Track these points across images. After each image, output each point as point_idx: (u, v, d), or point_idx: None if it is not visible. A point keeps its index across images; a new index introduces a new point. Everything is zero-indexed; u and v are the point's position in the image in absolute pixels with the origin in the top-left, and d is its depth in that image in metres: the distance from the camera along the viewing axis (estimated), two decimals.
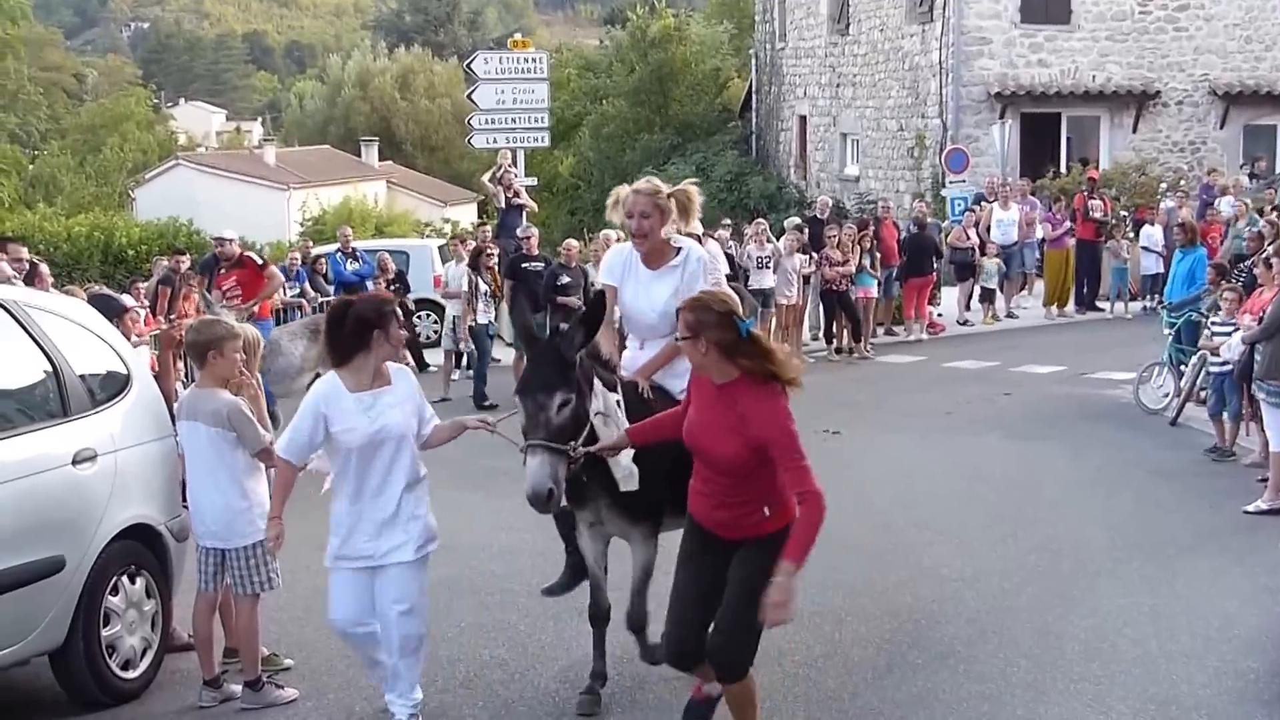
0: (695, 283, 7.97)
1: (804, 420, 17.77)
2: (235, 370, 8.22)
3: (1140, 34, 34.26)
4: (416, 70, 79.79)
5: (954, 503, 13.15)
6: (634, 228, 8.10)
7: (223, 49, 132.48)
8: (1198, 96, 34.47)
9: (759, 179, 42.31)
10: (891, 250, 24.38)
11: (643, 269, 8.23)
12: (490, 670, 8.77)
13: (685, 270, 8.15)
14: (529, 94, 29.70)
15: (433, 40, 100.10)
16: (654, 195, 8.12)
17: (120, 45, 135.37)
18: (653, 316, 8.17)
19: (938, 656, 8.83)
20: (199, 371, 8.21)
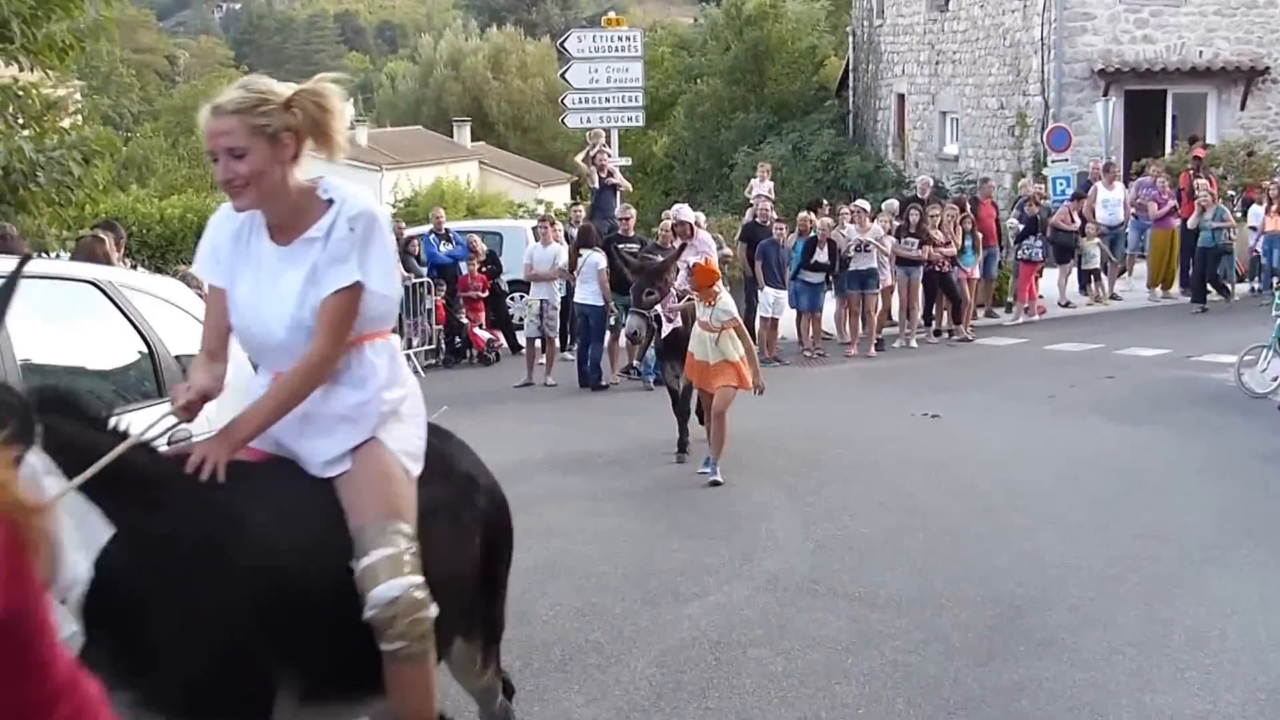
0: (343, 265, 4.88)
1: (903, 403, 17.80)
2: None
3: (1249, 8, 33.73)
4: (509, 50, 79.94)
5: (1056, 488, 13.03)
6: (220, 176, 4.91)
7: (314, 29, 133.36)
8: None
9: (856, 158, 42.09)
10: (991, 230, 24.19)
11: (267, 246, 5.04)
12: (585, 654, 8.78)
13: (329, 240, 4.92)
14: (623, 73, 29.68)
15: (525, 19, 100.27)
16: (249, 112, 4.88)
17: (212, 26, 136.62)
18: (280, 332, 5.04)
19: (1041, 644, 8.75)
20: None
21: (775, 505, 12.51)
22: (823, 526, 11.77)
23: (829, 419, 16.72)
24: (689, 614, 9.46)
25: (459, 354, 23.25)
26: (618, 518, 12.17)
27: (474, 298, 23.36)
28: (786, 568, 10.61)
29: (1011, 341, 22.61)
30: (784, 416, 16.36)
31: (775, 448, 14.74)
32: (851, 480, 13.47)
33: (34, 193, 15.08)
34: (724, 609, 9.55)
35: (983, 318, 24.52)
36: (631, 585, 10.16)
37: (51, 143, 15.53)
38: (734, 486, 12.56)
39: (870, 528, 11.68)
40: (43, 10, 15.16)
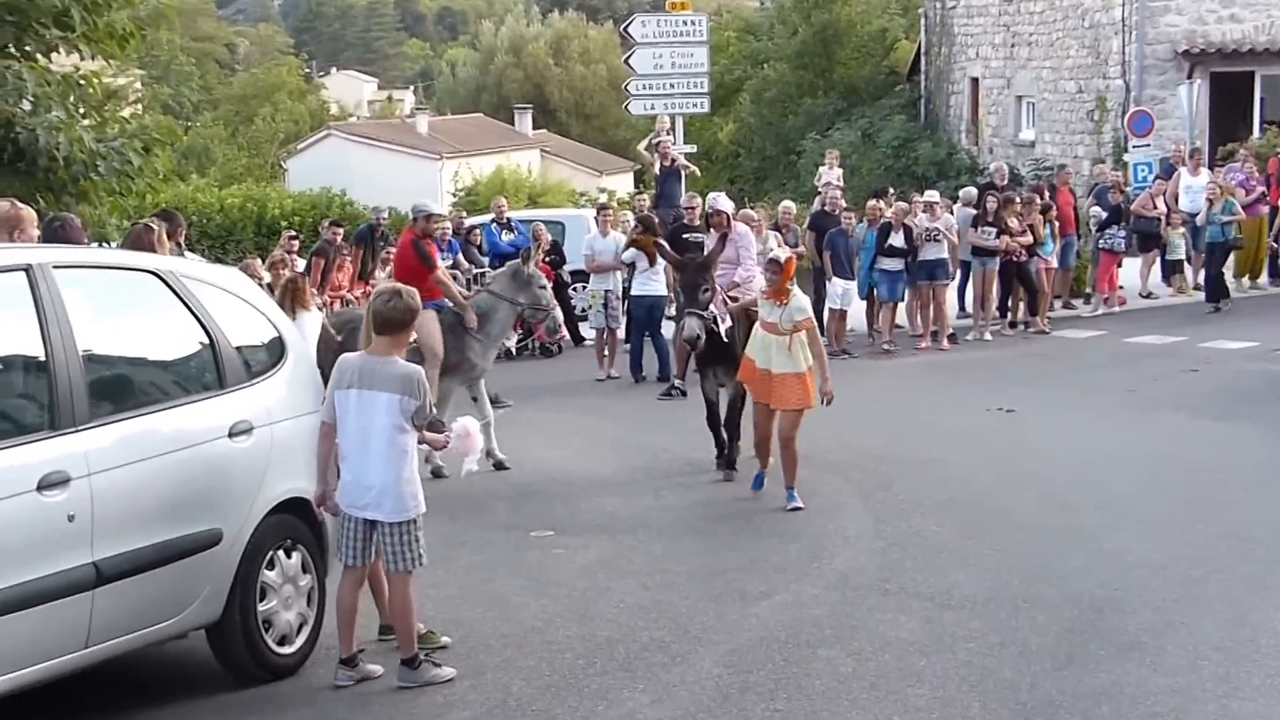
0: None
1: (977, 397, 17.72)
2: None
3: None
4: (571, 35, 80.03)
5: (1137, 485, 12.93)
6: None
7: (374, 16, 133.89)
8: None
9: (928, 145, 41.86)
10: (1069, 219, 24.00)
11: None
12: (650, 652, 8.79)
13: None
14: (688, 58, 29.65)
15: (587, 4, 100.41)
16: None
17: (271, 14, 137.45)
18: None
19: (1122, 647, 8.69)
20: (380, 339, 8.29)
21: (845, 502, 12.48)
22: (894, 524, 11.73)
23: (900, 413, 16.65)
24: (756, 613, 9.46)
25: (521, 345, 23.29)
26: (683, 513, 12.17)
27: None
28: (857, 566, 10.59)
29: (1090, 334, 22.44)
30: (853, 410, 16.30)
31: (844, 443, 14.69)
32: (924, 477, 13.41)
33: (95, 182, 15.24)
34: (792, 608, 9.54)
35: (1060, 309, 24.34)
36: (697, 583, 10.16)
37: (112, 132, 15.68)
38: (802, 483, 12.52)
39: (943, 525, 11.63)
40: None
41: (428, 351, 13.73)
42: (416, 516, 8.22)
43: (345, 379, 8.24)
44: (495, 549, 11.30)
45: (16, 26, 14.95)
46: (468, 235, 23.64)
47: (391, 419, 8.10)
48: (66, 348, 7.34)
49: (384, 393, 8.10)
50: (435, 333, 14.11)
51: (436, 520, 10.50)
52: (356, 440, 8.19)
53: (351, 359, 8.45)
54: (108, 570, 7.26)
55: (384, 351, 8.23)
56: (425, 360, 13.14)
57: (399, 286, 8.68)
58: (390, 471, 8.14)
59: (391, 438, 8.12)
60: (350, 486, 8.25)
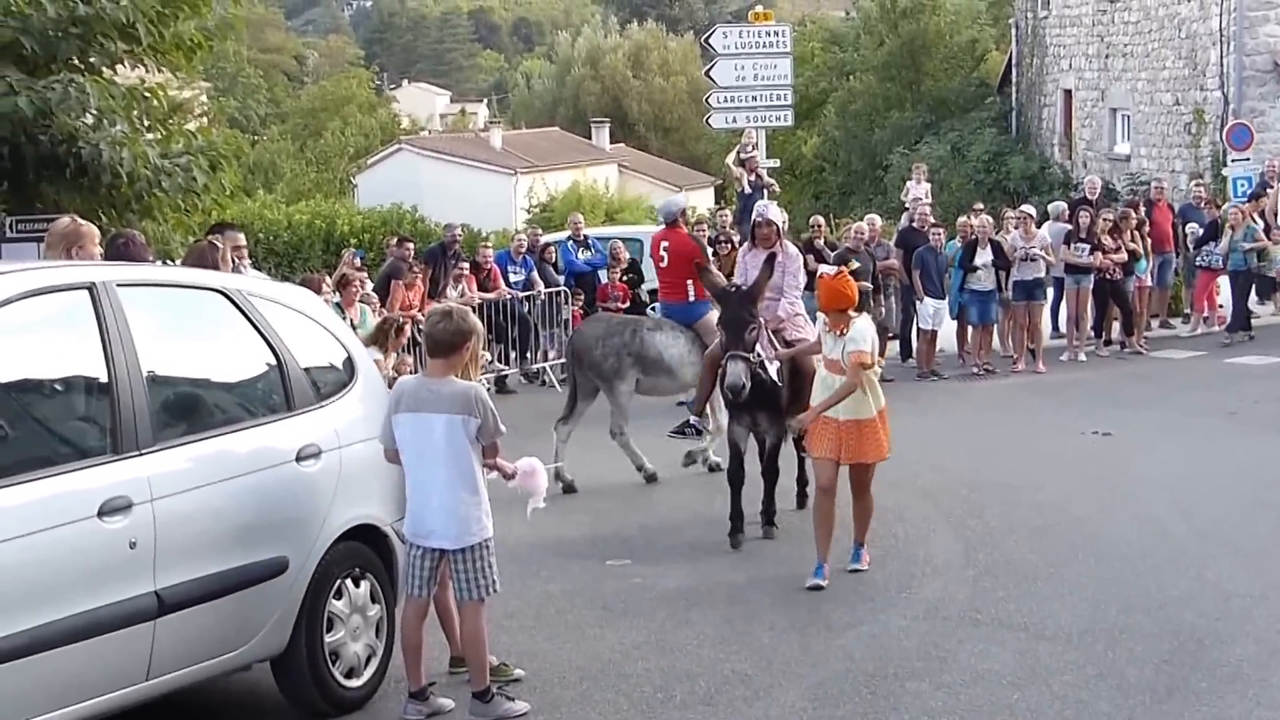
0: None
1: (1072, 420, 17.56)
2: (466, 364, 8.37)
3: None
4: (650, 47, 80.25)
5: (1239, 511, 12.77)
6: None
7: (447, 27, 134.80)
8: None
9: (1020, 159, 41.66)
10: (1165, 235, 23.79)
11: None
12: (732, 685, 8.73)
13: None
14: (771, 69, 29.61)
15: (667, 14, 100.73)
16: None
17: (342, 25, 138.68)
18: None
19: (1224, 680, 8.57)
20: (435, 361, 8.28)
21: (933, 528, 12.38)
22: (985, 551, 11.62)
23: (991, 437, 16.53)
24: (842, 644, 9.38)
25: None
26: (765, 541, 12.09)
27: (614, 308, 23.38)
28: (946, 595, 10.49)
29: (1188, 354, 22.25)
30: (943, 434, 16.21)
31: (934, 467, 14.58)
32: (1016, 502, 13.30)
33: (159, 199, 15.36)
34: (879, 639, 9.45)
35: (1157, 329, 24.13)
36: (780, 613, 10.10)
37: (177, 147, 15.80)
38: (889, 508, 12.45)
39: (1037, 553, 11.52)
40: (170, 9, 15.44)
41: None
42: (485, 541, 8.17)
43: (401, 404, 8.22)
44: (570, 578, 11.26)
45: (81, 39, 15.09)
46: (542, 253, 23.69)
47: (451, 441, 8.05)
48: (130, 369, 7.36)
49: (441, 415, 8.05)
50: None
51: (510, 548, 10.50)
52: (415, 466, 8.16)
53: (407, 382, 8.45)
54: (170, 599, 7.25)
55: (440, 373, 8.20)
56: None
57: (450, 307, 8.66)
58: (452, 496, 8.09)
59: (452, 460, 8.07)
60: (413, 514, 8.23)
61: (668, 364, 14.86)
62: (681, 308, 15.25)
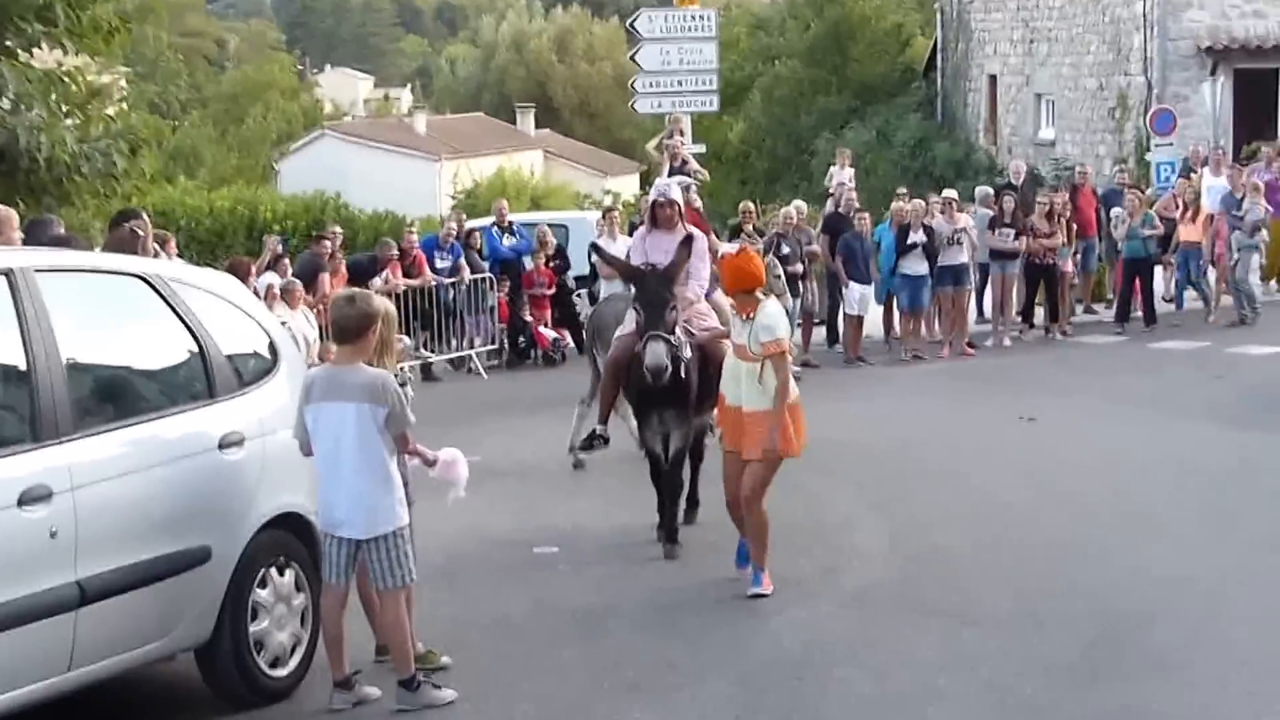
0: None
1: (998, 406, 17.64)
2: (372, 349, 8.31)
3: None
4: (575, 31, 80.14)
5: (1164, 496, 12.89)
6: None
7: (370, 12, 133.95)
8: None
9: (945, 144, 41.88)
10: (1090, 221, 23.92)
11: None
12: (660, 673, 8.76)
13: None
14: (696, 54, 29.59)
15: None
16: None
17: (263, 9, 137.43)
18: None
19: (1148, 664, 8.66)
20: (342, 348, 8.26)
21: (861, 516, 12.43)
22: (912, 539, 11.69)
23: (917, 423, 16.60)
24: (770, 631, 9.42)
25: (523, 354, 23.26)
26: (694, 527, 12.11)
27: (539, 295, 23.37)
28: (874, 582, 10.55)
29: (1113, 340, 22.40)
30: (870, 420, 16.28)
31: (860, 454, 14.65)
32: (942, 489, 13.37)
33: (78, 184, 15.22)
34: (807, 626, 9.50)
35: (1082, 314, 24.30)
36: (709, 600, 10.12)
37: (96, 132, 15.65)
38: (816, 495, 12.50)
39: (963, 539, 11.59)
40: None
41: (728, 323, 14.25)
42: (398, 529, 8.15)
43: (312, 394, 8.17)
44: (497, 566, 11.25)
45: None
46: (467, 239, 23.61)
47: (361, 430, 8.02)
48: (49, 356, 7.30)
49: (351, 403, 8.02)
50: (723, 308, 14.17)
51: (435, 537, 10.47)
52: (326, 456, 8.12)
53: (315, 373, 8.41)
54: (92, 589, 7.20)
55: (348, 361, 8.17)
56: None
57: (353, 292, 8.64)
58: (362, 486, 8.07)
59: (362, 450, 8.04)
60: (325, 505, 8.20)
61: None
62: None
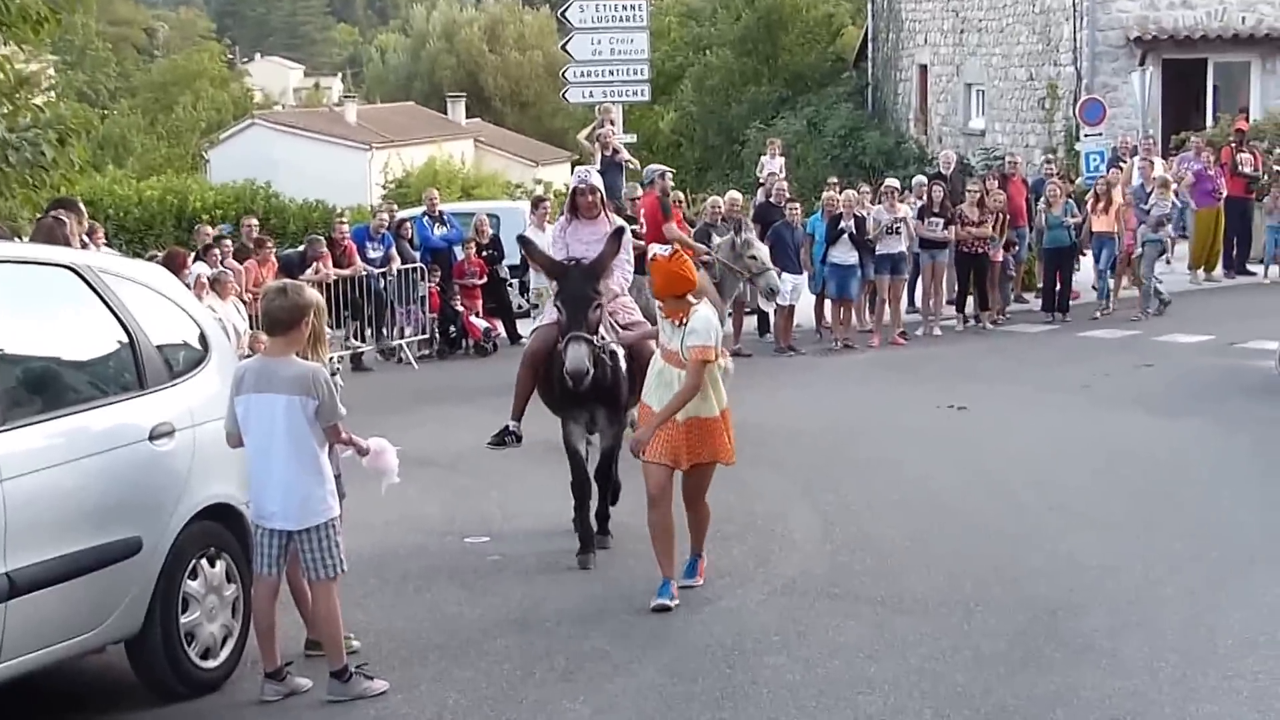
0: None
1: (929, 395, 17.75)
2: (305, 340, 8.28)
3: None
4: (506, 20, 79.84)
5: (1093, 484, 13.00)
6: None
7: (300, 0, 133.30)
8: None
9: (875, 134, 41.98)
10: (1020, 210, 24.06)
11: None
12: (591, 662, 8.77)
13: None
14: (627, 44, 29.63)
15: None
16: None
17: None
18: None
19: (1078, 650, 8.74)
20: (274, 340, 8.23)
21: (792, 504, 12.48)
22: (843, 527, 11.75)
23: (848, 412, 16.67)
24: (700, 619, 9.45)
25: (454, 344, 23.21)
26: (626, 517, 12.14)
27: (470, 284, 23.32)
28: (804, 570, 10.60)
29: (1043, 329, 22.56)
30: (801, 410, 16.33)
31: (791, 443, 14.70)
32: (873, 477, 13.44)
33: (5, 174, 15.05)
34: (738, 614, 9.54)
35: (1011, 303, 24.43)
36: (640, 589, 10.13)
37: (24, 121, 15.49)
38: (748, 485, 12.53)
39: (894, 528, 11.66)
40: None
41: (714, 305, 14.53)
42: (330, 520, 8.15)
43: (243, 385, 8.14)
44: (429, 556, 11.24)
45: None
46: (398, 229, 23.53)
47: (291, 422, 8.01)
48: None
49: (281, 395, 8.01)
50: (708, 285, 14.84)
51: (366, 527, 10.46)
52: (257, 447, 8.11)
53: (247, 364, 8.38)
54: (20, 581, 7.16)
55: (280, 352, 8.15)
56: None
57: (285, 283, 8.62)
58: (294, 477, 8.06)
59: (293, 442, 8.03)
60: (256, 496, 8.19)
61: (653, 318, 15.23)
62: None
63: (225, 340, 9.52)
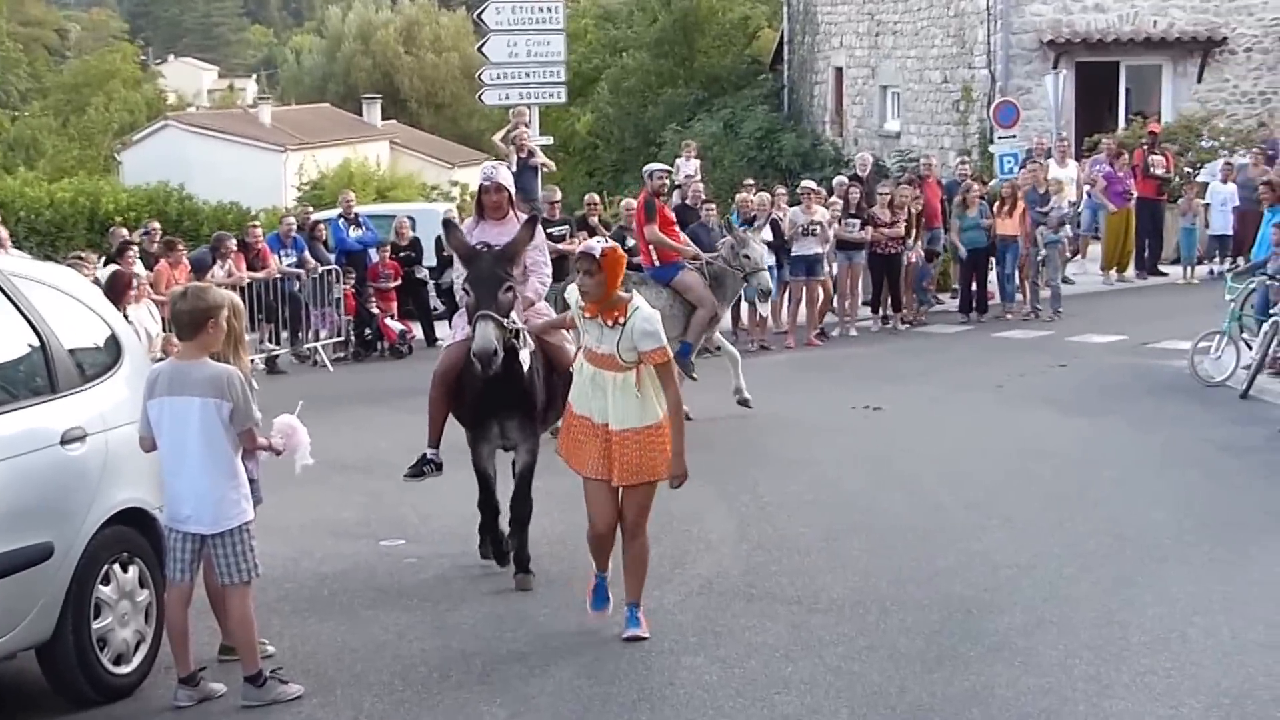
0: None
1: (844, 395, 17.79)
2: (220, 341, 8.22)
3: None
4: (422, 22, 79.56)
5: (1007, 483, 13.11)
6: None
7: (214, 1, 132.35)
8: (1268, 43, 34.11)
9: (792, 136, 42.06)
10: (935, 211, 24.23)
11: None
12: (508, 664, 8.76)
13: None
14: (544, 46, 29.58)
15: None
16: None
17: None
18: None
19: (992, 648, 8.80)
20: (185, 344, 8.16)
21: (707, 505, 12.45)
22: (759, 527, 11.78)
23: (764, 413, 16.70)
24: (617, 621, 9.42)
25: (369, 346, 23.12)
26: (540, 518, 12.12)
27: (385, 287, 23.23)
28: (720, 571, 10.62)
29: (957, 329, 22.71)
30: (717, 409, 16.35)
31: (707, 444, 14.67)
32: (789, 478, 13.48)
33: None
34: (654, 615, 9.51)
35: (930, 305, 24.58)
36: (557, 591, 10.12)
37: None
38: (663, 486, 12.51)
39: (809, 528, 11.69)
40: None
41: (705, 303, 16.19)
42: (244, 524, 8.10)
43: (156, 389, 8.07)
44: (343, 559, 11.18)
45: None
46: (312, 231, 23.41)
47: (205, 425, 7.95)
48: None
49: (195, 398, 7.95)
50: (697, 284, 16.24)
51: (281, 531, 10.39)
52: (170, 451, 8.04)
53: (161, 367, 8.31)
54: None
55: (192, 355, 8.08)
56: (703, 309, 16.10)
57: (189, 286, 8.58)
58: (208, 481, 8.00)
59: (207, 445, 7.97)
60: (170, 500, 8.11)
61: None
62: (651, 271, 16.43)
63: (138, 343, 9.44)
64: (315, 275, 22.45)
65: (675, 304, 16.03)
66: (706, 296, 16.21)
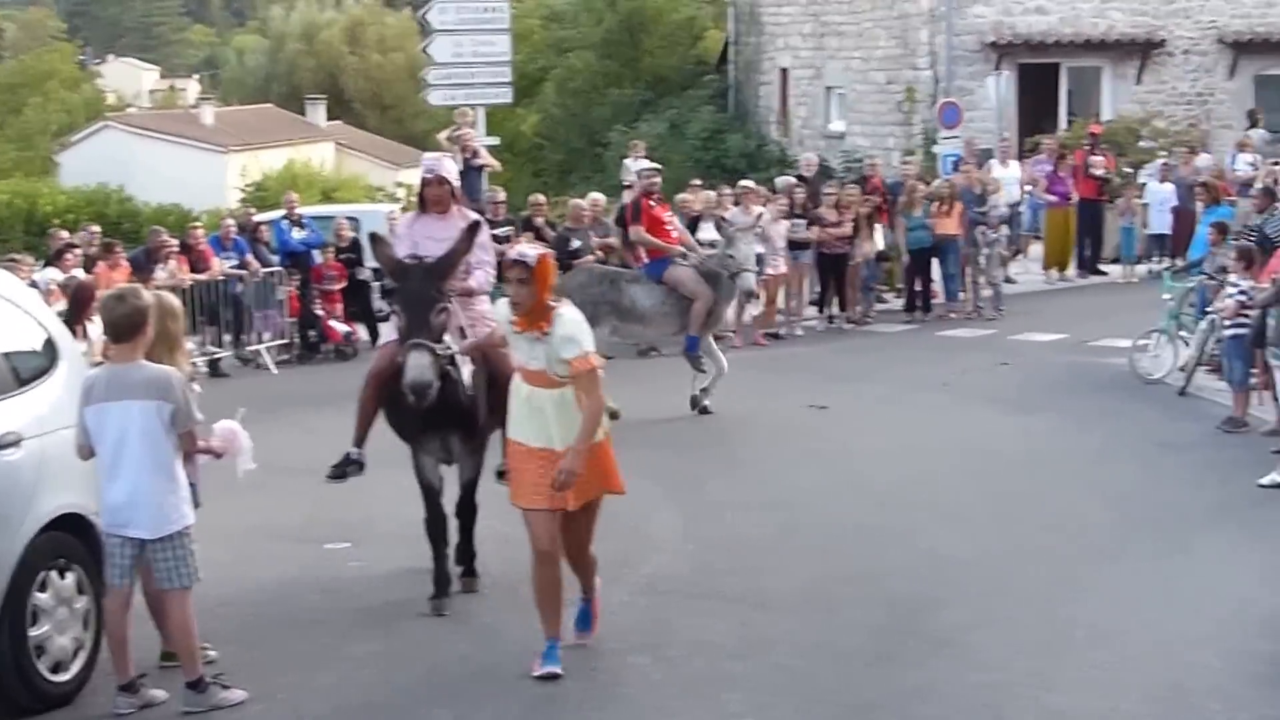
0: None
1: (789, 394, 17.81)
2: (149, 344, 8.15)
3: None
4: (367, 22, 79.32)
5: (951, 481, 13.16)
6: None
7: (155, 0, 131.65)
8: (1205, 45, 34.40)
9: (737, 136, 42.13)
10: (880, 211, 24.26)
11: None
12: (454, 665, 8.75)
13: None
14: (489, 46, 29.49)
15: None
16: None
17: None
18: None
19: (937, 645, 8.84)
20: (119, 346, 8.09)
21: (654, 504, 12.42)
22: (704, 525, 11.79)
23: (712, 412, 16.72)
24: (565, 621, 9.41)
25: (314, 348, 23.00)
26: (487, 519, 12.10)
27: (329, 288, 23.13)
28: (666, 570, 10.63)
29: (902, 328, 22.78)
30: (663, 409, 16.36)
31: (652, 443, 14.68)
32: (734, 477, 13.50)
33: None
34: (602, 614, 9.49)
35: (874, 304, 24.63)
36: (501, 592, 10.11)
37: None
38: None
39: (756, 526, 11.72)
40: None
41: (700, 295, 16.23)
42: (184, 529, 8.05)
43: (93, 394, 8.00)
44: (288, 563, 11.14)
45: None
46: (255, 232, 23.28)
47: (146, 428, 7.90)
48: None
49: (135, 401, 7.89)
50: (689, 277, 16.33)
51: (223, 535, 10.33)
52: (110, 455, 7.97)
53: (96, 373, 8.24)
54: None
55: (128, 359, 8.02)
56: (699, 301, 16.18)
57: (122, 289, 8.51)
58: (148, 485, 7.94)
59: (147, 448, 7.92)
60: (110, 505, 8.04)
61: (640, 313, 16.44)
62: (644, 267, 16.78)
63: (75, 347, 9.37)
64: (258, 277, 22.33)
65: (670, 299, 16.42)
66: (701, 289, 16.29)
